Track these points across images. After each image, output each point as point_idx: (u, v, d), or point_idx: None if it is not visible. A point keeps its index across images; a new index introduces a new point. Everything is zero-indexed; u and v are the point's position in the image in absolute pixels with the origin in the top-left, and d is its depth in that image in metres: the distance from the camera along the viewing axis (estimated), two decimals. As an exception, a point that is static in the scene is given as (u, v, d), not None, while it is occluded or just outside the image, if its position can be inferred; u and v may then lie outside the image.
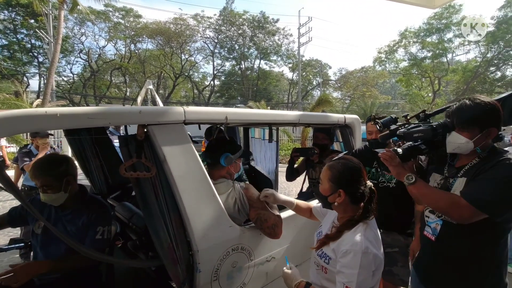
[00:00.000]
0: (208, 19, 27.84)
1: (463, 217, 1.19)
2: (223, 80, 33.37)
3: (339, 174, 1.20)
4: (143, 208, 1.35)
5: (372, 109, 19.97)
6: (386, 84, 43.24)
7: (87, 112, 1.06)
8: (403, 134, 1.44)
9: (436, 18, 22.10)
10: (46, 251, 1.59)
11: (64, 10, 12.38)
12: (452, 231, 1.29)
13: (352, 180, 1.20)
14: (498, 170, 1.17)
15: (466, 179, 1.26)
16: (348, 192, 1.19)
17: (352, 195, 1.19)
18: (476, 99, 1.23)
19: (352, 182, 1.19)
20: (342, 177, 1.20)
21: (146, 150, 1.25)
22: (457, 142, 1.26)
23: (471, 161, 1.29)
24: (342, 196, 1.19)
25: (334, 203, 1.22)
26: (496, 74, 21.31)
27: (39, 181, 1.50)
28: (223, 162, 1.62)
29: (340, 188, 1.19)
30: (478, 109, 1.21)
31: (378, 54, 26.02)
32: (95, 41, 27.05)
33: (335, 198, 1.21)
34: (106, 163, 2.39)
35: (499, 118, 1.22)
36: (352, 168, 1.21)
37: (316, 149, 2.50)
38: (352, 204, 1.21)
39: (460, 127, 1.25)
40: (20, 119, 0.94)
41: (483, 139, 1.23)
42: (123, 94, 28.41)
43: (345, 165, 1.21)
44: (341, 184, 1.20)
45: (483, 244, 1.24)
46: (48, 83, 12.33)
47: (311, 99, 32.22)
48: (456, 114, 1.26)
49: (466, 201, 1.16)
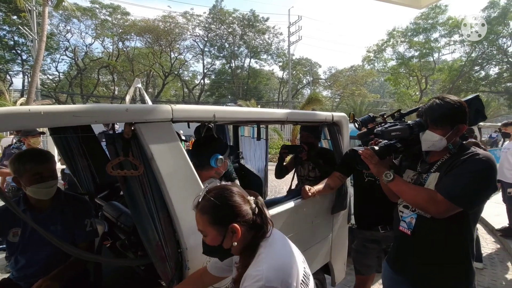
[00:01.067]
0: (197, 17, 27.71)
1: (440, 212, 1.25)
2: (213, 79, 33.22)
3: (218, 211, 0.96)
4: (131, 206, 1.34)
5: (362, 107, 20.20)
6: (375, 82, 43.89)
7: (72, 110, 1.04)
8: (380, 133, 1.48)
9: (423, 18, 22.56)
10: (27, 257, 1.55)
11: (48, 6, 12.03)
12: (427, 225, 1.35)
13: (233, 207, 0.96)
14: (468, 165, 1.25)
15: (439, 174, 1.33)
16: (241, 222, 0.95)
17: (246, 222, 0.96)
18: (446, 98, 1.32)
19: (235, 209, 0.96)
20: (222, 212, 0.96)
21: (133, 148, 1.24)
22: (432, 139, 1.33)
23: (442, 157, 1.37)
24: (237, 231, 0.94)
25: (231, 247, 0.97)
26: (481, 73, 21.94)
27: (43, 168, 1.48)
28: (214, 164, 1.62)
29: (229, 224, 0.94)
30: (449, 107, 1.29)
31: (367, 53, 26.41)
32: (82, 38, 26.44)
33: (231, 240, 0.95)
34: (93, 162, 2.36)
35: (466, 115, 1.32)
36: (223, 196, 0.97)
37: (304, 147, 2.53)
38: (250, 231, 0.98)
39: (433, 125, 1.32)
40: (2, 117, 0.92)
41: (454, 136, 1.32)
42: (111, 93, 27.93)
43: (216, 199, 0.96)
44: (226, 220, 0.95)
45: (456, 235, 1.32)
46: (32, 81, 12.00)
47: (301, 97, 32.39)
48: (428, 113, 1.34)
49: (442, 196, 1.23)
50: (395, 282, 1.54)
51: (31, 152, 1.56)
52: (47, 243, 1.51)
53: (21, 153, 1.52)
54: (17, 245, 1.53)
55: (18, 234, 1.52)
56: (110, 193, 2.47)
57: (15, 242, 1.52)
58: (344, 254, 2.57)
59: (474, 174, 1.22)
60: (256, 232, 0.98)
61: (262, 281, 0.84)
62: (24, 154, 1.50)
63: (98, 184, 2.43)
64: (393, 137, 1.43)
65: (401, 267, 1.50)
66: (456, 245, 1.32)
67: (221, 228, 0.95)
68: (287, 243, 1.04)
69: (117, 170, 1.21)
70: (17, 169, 1.45)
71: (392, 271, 1.55)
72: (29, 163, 1.45)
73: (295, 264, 0.94)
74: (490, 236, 4.50)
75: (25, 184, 1.46)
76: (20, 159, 1.46)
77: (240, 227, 0.95)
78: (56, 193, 1.61)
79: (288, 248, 1.01)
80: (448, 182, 1.25)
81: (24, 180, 1.45)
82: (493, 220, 4.81)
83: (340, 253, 2.49)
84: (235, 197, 0.98)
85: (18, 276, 1.57)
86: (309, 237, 2.13)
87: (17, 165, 1.45)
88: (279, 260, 0.93)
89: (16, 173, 1.46)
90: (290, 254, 0.98)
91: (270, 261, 0.91)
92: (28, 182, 1.45)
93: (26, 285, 1.55)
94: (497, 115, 21.43)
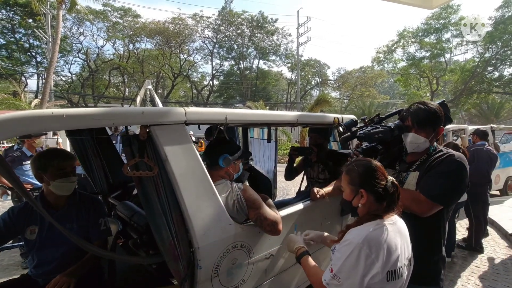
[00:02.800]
0: (206, 18, 27.87)
1: (423, 211, 1.38)
2: (222, 80, 33.39)
3: (357, 175, 1.19)
4: (145, 206, 1.38)
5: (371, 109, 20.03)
6: (385, 84, 43.36)
7: (92, 113, 1.09)
8: (364, 136, 1.56)
9: (434, 18, 22.16)
10: (44, 255, 1.61)
11: (62, 9, 12.36)
12: (408, 221, 1.42)
13: (370, 177, 1.16)
14: (444, 166, 1.38)
15: (418, 172, 1.46)
16: (370, 190, 1.15)
17: (374, 192, 1.15)
18: (428, 103, 1.46)
19: (371, 179, 1.16)
20: (360, 177, 1.18)
21: (149, 149, 1.29)
22: (417, 142, 1.45)
23: (421, 157, 1.50)
24: (364, 196, 1.15)
25: (358, 206, 1.19)
26: (494, 74, 21.39)
27: (67, 164, 1.62)
28: (221, 163, 1.64)
29: (361, 188, 1.16)
30: (432, 112, 1.42)
31: (377, 54, 26.08)
32: (94, 40, 27.06)
33: (358, 200, 1.18)
34: (107, 163, 2.43)
35: (443, 119, 1.46)
36: (367, 166, 1.19)
37: (314, 149, 2.53)
38: (376, 202, 1.16)
39: (418, 128, 1.44)
40: (26, 120, 0.97)
41: (434, 137, 1.47)
42: (121, 94, 28.40)
43: (360, 165, 1.20)
44: (361, 184, 1.17)
45: (433, 229, 1.45)
46: (46, 82, 12.32)
47: (310, 99, 32.29)
48: (413, 117, 1.46)
49: (424, 196, 1.36)
50: None
51: (55, 150, 1.72)
52: (63, 241, 1.58)
53: (46, 151, 1.67)
54: (34, 242, 1.59)
55: (35, 232, 1.59)
56: (123, 192, 2.53)
57: (32, 239, 1.59)
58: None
59: (450, 174, 1.36)
60: (381, 206, 1.15)
61: (359, 240, 1.05)
62: (49, 151, 1.66)
63: (112, 184, 2.49)
64: (376, 139, 1.53)
65: None
66: (431, 238, 1.46)
67: (354, 188, 1.19)
68: (402, 238, 1.14)
69: (133, 171, 1.26)
70: (42, 164, 1.56)
71: None
72: (56, 159, 1.58)
73: (393, 252, 1.06)
74: (504, 241, 4.40)
75: (49, 179, 1.56)
76: (46, 156, 1.59)
77: (367, 195, 1.15)
78: (72, 192, 1.69)
79: (397, 239, 1.10)
80: (429, 183, 1.38)
81: (49, 175, 1.56)
82: (507, 224, 4.71)
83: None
84: (374, 170, 1.16)
85: (36, 273, 1.63)
86: (318, 238, 2.13)
87: (43, 160, 1.57)
88: (378, 241, 1.06)
89: (41, 169, 1.56)
90: (394, 242, 1.08)
91: (372, 236, 1.06)
92: (52, 176, 1.56)
93: (44, 282, 1.60)
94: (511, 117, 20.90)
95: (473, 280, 3.22)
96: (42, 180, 1.58)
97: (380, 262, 1.03)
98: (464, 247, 3.99)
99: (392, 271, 1.06)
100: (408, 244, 1.17)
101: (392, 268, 1.06)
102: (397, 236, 1.11)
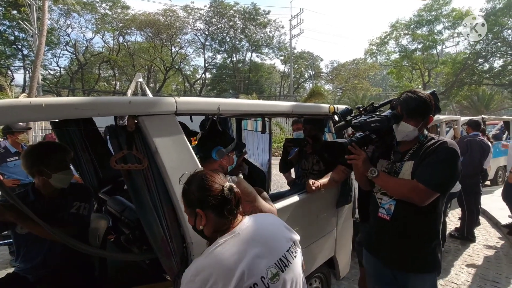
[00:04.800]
0: (198, 10, 27.44)
1: (423, 199, 1.38)
2: (214, 73, 33.06)
3: (187, 194, 0.99)
4: (135, 201, 1.32)
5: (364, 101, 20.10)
6: (377, 76, 43.53)
7: (74, 102, 1.02)
8: (359, 125, 1.53)
9: (426, 10, 22.18)
10: (32, 249, 1.58)
11: (48, 0, 11.94)
12: (405, 210, 1.46)
13: (200, 191, 0.96)
14: (439, 154, 1.39)
15: (413, 162, 1.45)
16: (206, 207, 0.95)
17: (212, 207, 0.95)
18: (418, 92, 1.45)
19: (202, 193, 0.95)
20: (191, 196, 0.98)
21: (137, 141, 1.22)
22: (406, 130, 1.45)
23: (413, 146, 1.50)
24: (202, 216, 0.95)
25: (200, 230, 0.99)
26: (484, 66, 21.62)
27: (68, 157, 1.63)
28: (215, 156, 1.60)
29: (196, 208, 0.96)
30: (422, 101, 1.42)
31: (370, 46, 26.05)
32: (82, 33, 26.31)
33: (200, 223, 0.97)
34: (96, 157, 2.34)
35: (433, 108, 1.46)
36: (191, 182, 0.99)
37: (309, 140, 2.49)
38: (220, 219, 0.96)
39: (408, 117, 1.44)
40: (2, 109, 0.90)
41: (424, 126, 1.48)
42: (112, 88, 27.88)
43: (189, 182, 1.00)
44: (194, 203, 0.97)
45: (430, 218, 1.47)
46: (33, 76, 11.94)
47: (303, 91, 32.21)
48: (404, 106, 1.45)
49: (423, 185, 1.36)
50: (374, 265, 1.66)
51: (54, 142, 1.75)
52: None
53: (45, 143, 1.69)
54: (24, 236, 1.55)
55: None
56: (114, 187, 2.46)
57: (23, 233, 1.54)
58: (349, 248, 2.55)
59: (446, 162, 1.38)
60: (221, 222, 0.96)
61: (190, 270, 0.88)
62: (49, 144, 1.68)
63: (101, 179, 2.41)
64: (372, 129, 1.50)
65: (377, 250, 1.62)
66: (428, 225, 1.48)
67: (192, 211, 0.98)
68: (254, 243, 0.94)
69: (121, 164, 1.19)
70: (44, 157, 1.53)
71: (372, 255, 1.67)
72: (58, 152, 1.59)
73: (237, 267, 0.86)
74: (495, 230, 4.48)
75: (51, 172, 1.54)
76: (47, 148, 1.59)
77: (204, 213, 0.95)
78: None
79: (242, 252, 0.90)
80: (426, 172, 1.39)
81: (51, 167, 1.54)
82: (497, 214, 4.79)
83: (344, 247, 2.48)
84: (204, 183, 0.97)
85: (25, 268, 1.59)
86: (314, 231, 2.11)
87: (45, 153, 1.55)
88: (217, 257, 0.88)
89: (41, 162, 1.53)
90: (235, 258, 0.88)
91: (210, 255, 0.90)
92: (55, 169, 1.54)
93: (33, 277, 1.57)
94: (500, 108, 21.27)
95: (465, 268, 3.27)
96: (40, 174, 1.54)
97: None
98: (456, 237, 4.04)
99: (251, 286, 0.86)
100: (275, 237, 1.01)
101: (248, 284, 0.86)
102: (244, 245, 0.92)
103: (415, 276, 1.50)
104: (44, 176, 1.55)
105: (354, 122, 1.59)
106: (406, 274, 1.52)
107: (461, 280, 3.03)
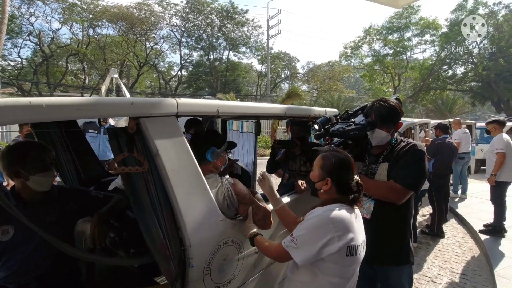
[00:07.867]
0: (174, 6, 26.71)
1: (400, 198, 1.52)
2: (190, 71, 32.42)
3: (330, 163, 1.27)
4: (134, 204, 1.29)
5: (339, 102, 20.71)
6: (351, 78, 45.08)
7: (76, 103, 0.97)
8: (338, 133, 1.66)
9: (397, 18, 23.36)
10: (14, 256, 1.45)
11: (11, -14, 11.07)
12: (382, 209, 1.60)
13: (340, 171, 1.25)
14: (411, 156, 1.55)
15: (388, 163, 1.60)
16: (335, 182, 1.25)
17: (339, 185, 1.25)
18: (389, 101, 1.60)
19: (340, 173, 1.25)
20: (332, 167, 1.26)
21: (138, 143, 1.19)
22: (381, 136, 1.60)
23: (385, 149, 1.65)
24: (328, 184, 1.25)
25: (320, 190, 1.29)
26: (448, 72, 23.17)
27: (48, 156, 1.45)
28: (210, 157, 1.59)
29: (328, 177, 1.25)
30: (393, 109, 1.57)
31: (344, 49, 26.97)
32: (47, 23, 24.69)
33: (322, 185, 1.28)
34: (78, 157, 2.23)
35: (401, 114, 1.62)
36: (342, 160, 1.27)
37: (297, 142, 2.55)
38: (337, 194, 1.26)
39: (381, 124, 1.58)
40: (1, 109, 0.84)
41: (395, 131, 1.64)
42: (81, 83, 26.41)
43: (336, 156, 1.28)
44: (330, 173, 1.26)
45: (404, 215, 1.63)
46: (-7, 67, 11.06)
47: (280, 91, 32.60)
48: (377, 114, 1.59)
49: (400, 185, 1.50)
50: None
51: (30, 141, 1.58)
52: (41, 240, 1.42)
53: (20, 142, 1.46)
54: (6, 243, 1.42)
55: (9, 232, 1.41)
56: (97, 188, 2.34)
57: (4, 240, 1.41)
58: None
59: (417, 163, 1.53)
60: (342, 197, 1.24)
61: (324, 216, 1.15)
62: (24, 142, 1.49)
63: (83, 180, 2.30)
64: (350, 136, 1.64)
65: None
66: (404, 220, 1.63)
67: (323, 174, 1.27)
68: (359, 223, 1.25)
69: (121, 167, 1.15)
70: (18, 156, 1.37)
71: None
72: (33, 150, 1.41)
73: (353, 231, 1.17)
74: (460, 225, 4.83)
75: (28, 173, 1.37)
76: (22, 147, 1.41)
77: (331, 184, 1.24)
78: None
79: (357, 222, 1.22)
80: (402, 173, 1.53)
81: (28, 168, 1.37)
82: (462, 211, 5.16)
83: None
84: (345, 168, 1.25)
85: (5, 275, 1.47)
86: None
87: (20, 152, 1.38)
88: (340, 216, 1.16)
89: (16, 163, 1.37)
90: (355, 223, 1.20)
91: (332, 209, 1.18)
92: (32, 170, 1.37)
93: (15, 286, 1.46)
94: (462, 112, 22.88)
95: (437, 262, 3.51)
96: (17, 175, 1.39)
97: (341, 237, 1.13)
98: (427, 233, 4.31)
99: (352, 246, 1.15)
100: (363, 232, 1.28)
101: (351, 243, 1.15)
102: (358, 221, 1.24)
103: (393, 269, 1.65)
104: (21, 178, 1.40)
105: (332, 130, 1.71)
106: (385, 267, 1.66)
107: (433, 274, 3.25)
